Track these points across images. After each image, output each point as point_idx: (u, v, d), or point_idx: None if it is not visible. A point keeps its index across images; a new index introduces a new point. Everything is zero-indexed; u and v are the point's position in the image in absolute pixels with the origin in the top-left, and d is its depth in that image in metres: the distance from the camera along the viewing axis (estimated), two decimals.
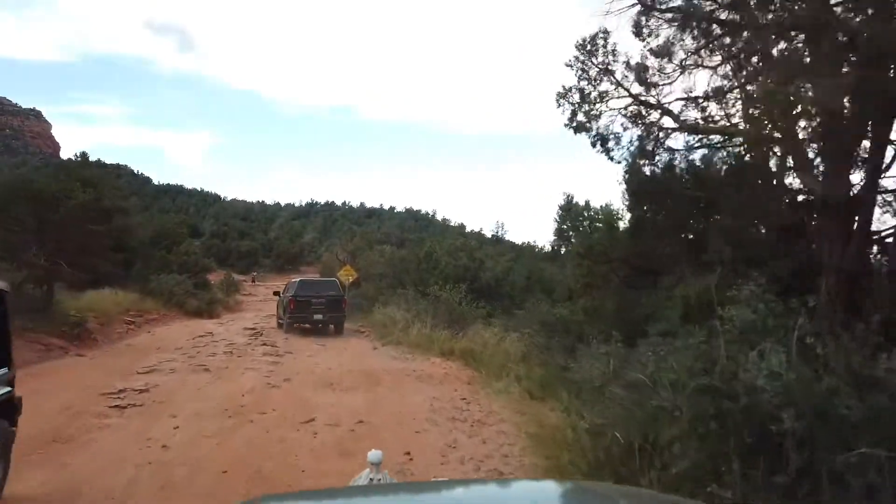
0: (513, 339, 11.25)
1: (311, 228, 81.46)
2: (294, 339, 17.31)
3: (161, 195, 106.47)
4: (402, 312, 16.55)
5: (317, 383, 9.76)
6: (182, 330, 18.69)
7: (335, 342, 16.39)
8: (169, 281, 24.93)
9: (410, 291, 18.17)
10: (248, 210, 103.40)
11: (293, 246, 73.91)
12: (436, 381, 10.02)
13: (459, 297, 15.80)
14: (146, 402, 8.17)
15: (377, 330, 17.21)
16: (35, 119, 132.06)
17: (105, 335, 15.01)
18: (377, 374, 10.75)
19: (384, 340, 15.56)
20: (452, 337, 13.69)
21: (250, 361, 11.96)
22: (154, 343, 14.94)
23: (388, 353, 13.64)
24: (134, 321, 18.21)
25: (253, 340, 16.24)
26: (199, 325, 20.57)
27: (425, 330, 14.34)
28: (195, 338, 16.34)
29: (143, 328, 18.07)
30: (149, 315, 20.61)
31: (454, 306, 15.64)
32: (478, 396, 8.60)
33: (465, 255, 22.19)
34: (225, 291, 41.55)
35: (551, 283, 25.30)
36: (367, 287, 24.65)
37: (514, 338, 11.22)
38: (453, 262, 21.79)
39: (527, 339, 10.35)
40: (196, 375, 10.19)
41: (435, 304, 16.17)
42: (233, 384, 9.52)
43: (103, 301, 19.02)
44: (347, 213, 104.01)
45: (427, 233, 76.41)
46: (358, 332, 18.76)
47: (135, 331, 17.12)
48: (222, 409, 7.85)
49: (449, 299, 15.68)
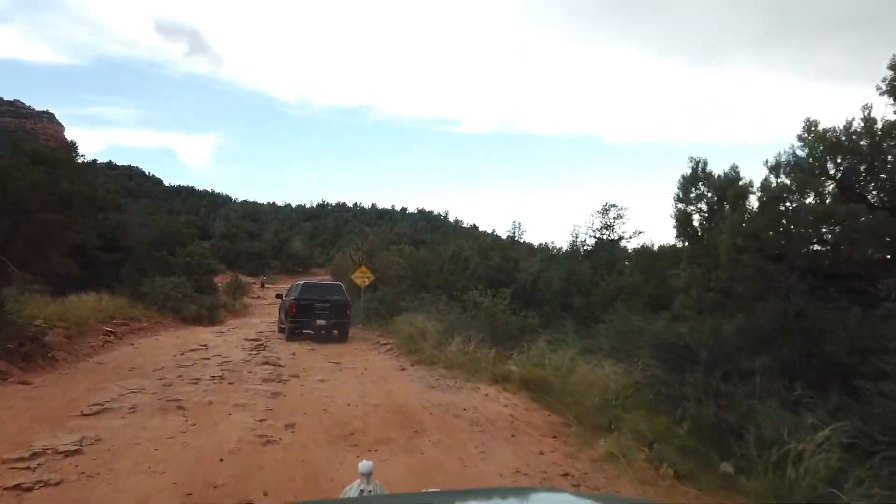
0: (596, 363, 8.11)
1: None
2: (302, 353, 14.25)
3: (172, 196, 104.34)
4: (434, 322, 13.42)
5: (332, 433, 6.67)
6: (172, 342, 15.67)
7: (352, 359, 13.31)
8: (165, 284, 21.96)
9: (443, 297, 15.00)
10: (259, 211, 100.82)
11: (303, 248, 71.06)
12: (503, 429, 6.89)
13: (504, 305, 12.68)
14: (67, 477, 5.10)
15: (402, 343, 14.10)
16: (48, 121, 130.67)
17: (71, 351, 12.00)
18: (416, 413, 7.64)
19: (413, 357, 12.45)
20: (502, 357, 10.58)
21: (243, 392, 8.88)
22: (131, 361, 11.91)
23: (421, 376, 10.52)
24: (115, 332, 15.20)
25: (253, 356, 13.19)
26: (195, 335, 17.56)
27: (467, 346, 11.20)
28: (184, 353, 13.32)
29: (125, 340, 15.06)
30: (137, 323, 17.62)
31: (498, 316, 12.52)
32: (584, 468, 5.44)
33: (498, 255, 19.06)
34: (231, 295, 38.68)
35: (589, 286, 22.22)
36: (385, 291, 21.57)
37: (598, 363, 8.08)
38: (485, 263, 18.69)
39: (629, 367, 7.22)
40: (163, 419, 7.12)
41: (473, 312, 13.06)
42: (211, 436, 6.44)
43: (82, 308, 16.07)
44: (359, 214, 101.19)
45: (439, 234, 73.42)
46: (378, 345, 15.67)
47: (113, 344, 14.11)
48: (182, 494, 4.78)
49: (491, 307, 12.56)
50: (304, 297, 16.74)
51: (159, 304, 20.88)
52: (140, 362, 11.76)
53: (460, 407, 7.97)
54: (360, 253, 24.53)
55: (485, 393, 8.81)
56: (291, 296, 17.63)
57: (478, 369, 10.01)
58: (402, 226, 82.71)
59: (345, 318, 16.75)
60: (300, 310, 16.37)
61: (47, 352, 10.87)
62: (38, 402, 7.75)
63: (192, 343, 15.30)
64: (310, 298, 16.64)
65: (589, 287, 22.22)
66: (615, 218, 27.17)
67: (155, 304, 20.79)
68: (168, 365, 11.40)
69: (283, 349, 14.91)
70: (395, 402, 8.29)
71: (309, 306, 16.36)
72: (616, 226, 27.23)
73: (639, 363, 6.62)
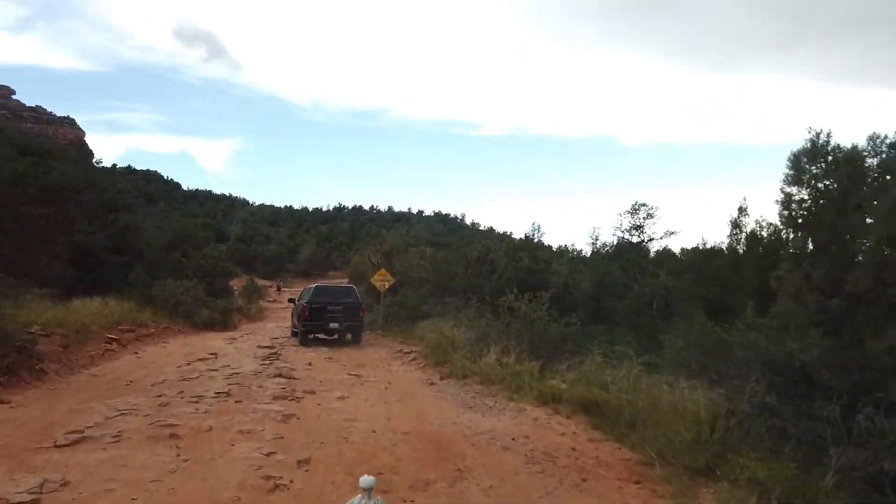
0: (669, 382, 6.67)
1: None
2: (319, 362, 12.96)
3: (189, 200, 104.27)
4: (463, 330, 12.04)
5: (355, 472, 5.30)
6: (179, 350, 14.46)
7: (374, 370, 11.98)
8: (175, 287, 20.83)
9: (474, 302, 13.60)
10: (276, 214, 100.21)
11: (320, 250, 70.12)
12: (569, 470, 5.47)
13: (543, 311, 11.26)
14: None
15: (428, 352, 12.74)
16: (69, 126, 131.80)
17: (65, 362, 10.81)
18: (455, 444, 6.27)
19: (442, 369, 11.08)
20: (546, 370, 9.17)
21: (251, 413, 7.58)
22: (130, 373, 10.70)
23: (454, 393, 9.14)
24: (119, 339, 14.04)
25: (265, 367, 11.92)
26: (205, 342, 16.37)
27: (506, 358, 9.80)
28: (190, 363, 12.09)
29: (128, 348, 13.88)
30: (144, 329, 16.47)
31: (536, 323, 11.10)
32: None
33: (528, 256, 17.65)
34: (247, 298, 37.67)
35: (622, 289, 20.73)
36: (407, 294, 20.24)
37: (671, 382, 6.64)
38: (513, 265, 17.28)
39: (717, 390, 5.78)
40: (150, 452, 5.83)
41: (507, 319, 11.66)
42: (206, 479, 5.12)
43: (85, 313, 14.96)
44: (375, 217, 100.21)
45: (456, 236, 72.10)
46: (401, 353, 14.33)
47: (115, 353, 12.93)
48: None
49: (529, 314, 11.15)
50: (316, 300, 16.31)
51: (169, 309, 19.76)
52: (140, 375, 10.54)
53: (507, 435, 6.57)
54: (378, 255, 23.24)
55: (533, 416, 7.40)
56: (304, 299, 17.18)
57: (520, 386, 8.60)
58: (419, 228, 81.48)
59: (358, 321, 16.33)
60: (313, 313, 15.91)
61: (35, 363, 9.67)
62: (7, 428, 6.50)
63: (200, 351, 14.09)
64: (322, 301, 16.21)
65: (622, 290, 20.76)
66: (645, 218, 25.67)
67: (165, 308, 19.68)
68: (170, 378, 10.16)
69: (297, 358, 13.64)
70: (428, 429, 6.92)
71: (321, 309, 15.92)
72: (646, 226, 25.78)
73: (746, 388, 5.16)
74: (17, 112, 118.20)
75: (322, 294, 16.94)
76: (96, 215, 22.74)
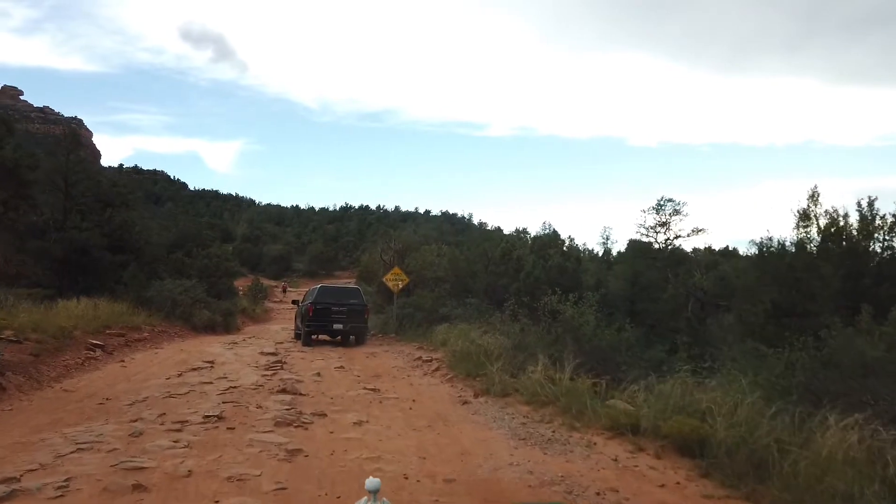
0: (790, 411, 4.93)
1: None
2: (329, 372, 11.27)
3: (196, 200, 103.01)
4: (497, 336, 10.29)
5: None
6: (173, 357, 12.80)
7: (393, 382, 10.27)
8: (173, 288, 19.19)
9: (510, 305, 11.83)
10: (282, 214, 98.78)
11: (327, 250, 68.57)
12: None
13: (592, 315, 9.51)
14: None
15: (454, 362, 11.00)
16: (76, 127, 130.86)
17: (33, 374, 9.14)
18: (520, 500, 4.54)
19: (473, 384, 9.33)
20: (602, 387, 7.43)
21: (245, 447, 5.87)
22: (108, 388, 9.02)
23: (496, 416, 7.40)
24: (104, 345, 12.37)
25: (268, 378, 10.24)
26: (202, 348, 14.70)
27: (555, 372, 8.04)
28: (182, 373, 10.42)
29: (114, 355, 12.22)
30: (136, 333, 14.82)
31: (583, 329, 9.35)
32: None
33: (558, 254, 15.92)
34: (252, 299, 36.07)
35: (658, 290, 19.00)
36: (423, 296, 18.52)
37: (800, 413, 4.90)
38: (542, 263, 15.54)
39: None
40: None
41: (549, 324, 9.93)
42: None
43: (70, 315, 13.34)
44: (382, 216, 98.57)
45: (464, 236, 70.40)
46: (420, 361, 12.60)
47: (97, 361, 11.27)
48: None
49: (576, 318, 9.40)
50: (320, 300, 16.04)
51: (166, 311, 18.13)
52: (120, 389, 8.86)
53: (589, 487, 4.82)
54: (391, 253, 21.53)
55: (612, 455, 5.65)
56: (308, 300, 16.92)
57: (581, 410, 6.85)
58: (427, 228, 79.85)
59: (362, 322, 16.15)
60: (317, 314, 15.65)
61: None
62: None
63: (195, 359, 12.42)
64: (327, 302, 15.99)
65: (657, 291, 18.97)
66: (671, 214, 23.85)
67: (162, 310, 18.05)
68: (154, 394, 8.47)
69: (304, 367, 11.95)
70: (478, 474, 5.19)
71: (326, 310, 15.70)
72: (672, 223, 23.94)
73: None
74: (25, 112, 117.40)
75: (327, 295, 16.64)
76: (91, 210, 21.14)
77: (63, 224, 19.91)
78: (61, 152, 19.58)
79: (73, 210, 20.21)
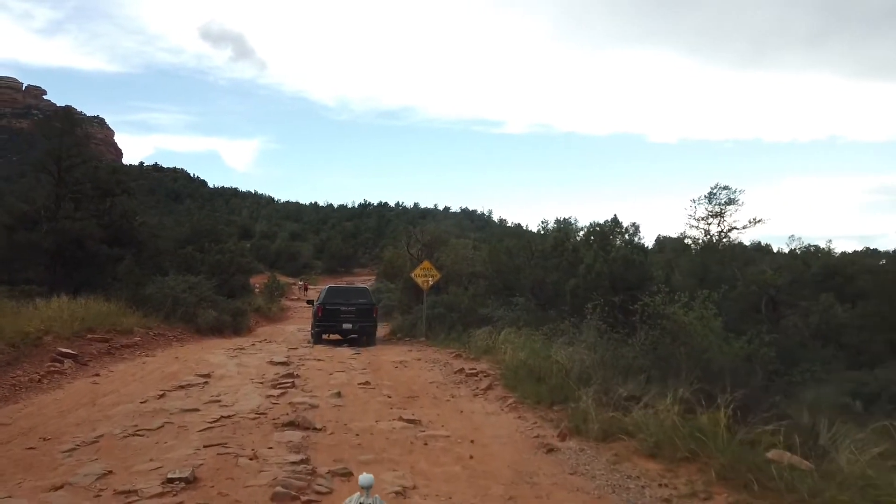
0: None
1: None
2: (351, 392, 8.73)
3: (215, 197, 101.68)
4: (583, 350, 7.59)
5: None
6: (162, 368, 10.36)
7: (435, 407, 7.69)
8: (175, 284, 16.86)
9: (596, 308, 9.10)
10: (301, 211, 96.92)
11: (345, 247, 66.35)
12: None
13: (719, 322, 6.84)
14: None
15: (515, 380, 8.39)
16: (98, 126, 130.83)
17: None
18: None
19: (557, 418, 6.70)
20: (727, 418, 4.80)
21: None
22: (59, 416, 6.60)
23: (608, 478, 4.78)
24: (77, 354, 9.97)
25: (274, 400, 7.76)
26: (202, 355, 12.26)
27: (671, 404, 5.38)
28: (164, 393, 7.98)
29: (90, 367, 9.82)
30: (125, 338, 12.45)
31: (702, 341, 6.70)
32: None
33: (622, 245, 13.26)
34: (268, 297, 33.78)
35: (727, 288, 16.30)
36: (456, 294, 15.96)
37: None
38: (603, 256, 12.88)
39: None
40: None
41: (649, 333, 7.28)
42: None
43: (43, 317, 11.04)
44: (401, 213, 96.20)
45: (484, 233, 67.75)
46: (463, 375, 10.02)
47: (63, 376, 8.87)
48: None
49: (697, 327, 6.74)
50: (329, 301, 16.13)
51: (166, 311, 15.78)
52: (71, 422, 6.43)
53: None
54: (419, 246, 18.98)
55: None
56: (318, 300, 17.05)
57: (756, 478, 4.21)
58: (447, 224, 77.37)
59: (370, 321, 16.12)
60: (326, 314, 15.77)
61: None
62: None
63: (189, 371, 9.99)
64: (335, 302, 16.04)
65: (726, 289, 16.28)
66: (725, 203, 21.11)
67: (161, 310, 15.71)
68: (114, 430, 6.02)
69: (321, 382, 9.46)
70: None
71: (334, 310, 15.80)
72: (727, 213, 21.23)
73: None
74: (48, 111, 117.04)
75: (335, 295, 16.69)
76: (87, 198, 18.92)
77: (55, 214, 17.70)
78: (54, 133, 17.24)
79: (67, 198, 17.98)
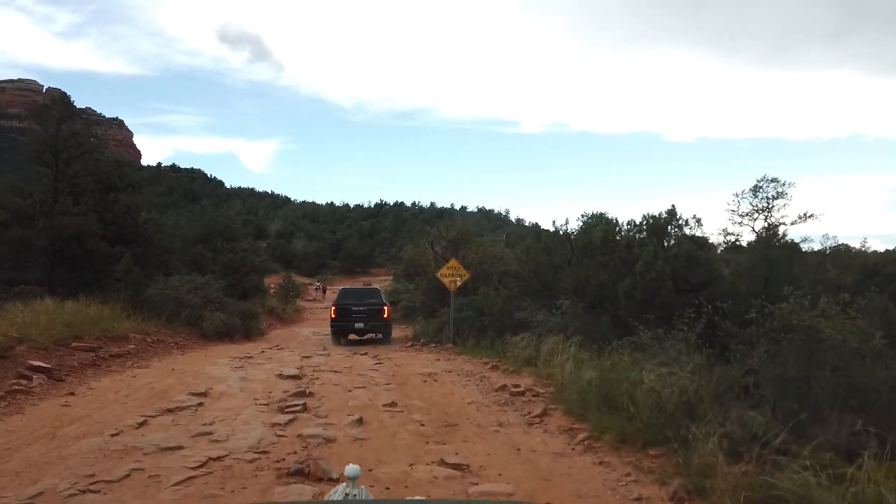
0: None
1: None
2: (375, 415, 7.04)
3: (232, 198, 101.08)
4: (675, 372, 5.79)
5: None
6: (153, 384, 8.75)
7: (485, 444, 5.95)
8: (179, 285, 15.34)
9: (702, 316, 7.20)
10: (317, 211, 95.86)
11: (362, 246, 64.90)
12: None
13: (878, 335, 5.04)
14: None
15: (582, 405, 6.64)
16: (117, 128, 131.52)
17: None
18: None
19: (659, 467, 4.95)
20: None
21: None
22: (4, 458, 5.00)
23: None
24: (50, 368, 8.41)
25: (281, 430, 6.12)
26: (203, 366, 10.64)
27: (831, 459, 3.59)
28: (146, 421, 6.36)
29: (66, 382, 8.26)
30: (117, 346, 10.90)
31: (850, 360, 4.91)
32: None
33: (684, 239, 11.43)
34: (283, 298, 32.31)
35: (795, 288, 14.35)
36: (488, 295, 14.23)
37: None
38: (664, 252, 11.07)
39: None
40: None
41: (791, 354, 5.47)
42: None
43: (20, 323, 9.53)
44: (418, 213, 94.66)
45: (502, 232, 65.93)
46: (509, 394, 8.28)
47: (27, 396, 7.30)
48: None
49: (847, 340, 4.94)
50: (341, 302, 16.64)
51: (168, 314, 14.26)
52: (13, 467, 4.83)
53: None
54: (443, 243, 17.26)
55: None
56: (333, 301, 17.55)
57: None
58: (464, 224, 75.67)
59: (381, 320, 16.34)
60: (339, 315, 16.18)
61: None
62: None
63: (184, 387, 8.39)
64: (347, 303, 16.50)
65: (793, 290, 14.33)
66: (773, 197, 19.12)
67: (164, 313, 14.19)
68: (62, 483, 4.41)
69: (339, 402, 7.79)
70: None
71: (346, 311, 16.19)
72: (775, 208, 19.25)
73: None
74: None
75: (347, 296, 17.17)
76: (87, 192, 17.50)
77: (52, 209, 16.30)
78: (51, 122, 15.83)
79: (65, 192, 16.57)
